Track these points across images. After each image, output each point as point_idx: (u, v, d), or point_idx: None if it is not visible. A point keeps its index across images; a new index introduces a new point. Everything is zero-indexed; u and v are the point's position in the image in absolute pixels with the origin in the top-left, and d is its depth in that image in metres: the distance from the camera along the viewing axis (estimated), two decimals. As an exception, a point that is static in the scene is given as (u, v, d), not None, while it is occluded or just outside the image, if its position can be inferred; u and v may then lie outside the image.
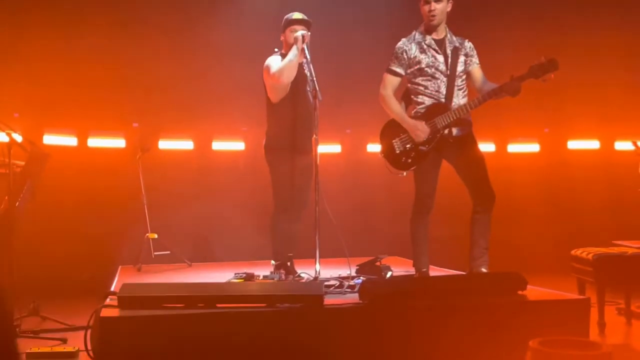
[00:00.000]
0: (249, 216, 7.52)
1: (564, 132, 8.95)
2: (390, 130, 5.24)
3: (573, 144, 8.97)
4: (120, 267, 6.59)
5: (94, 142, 7.73)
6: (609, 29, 8.18)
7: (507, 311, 4.33)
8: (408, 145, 5.15)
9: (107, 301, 4.28)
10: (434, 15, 5.08)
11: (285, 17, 5.61)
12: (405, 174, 5.21)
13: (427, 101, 5.13)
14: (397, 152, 5.19)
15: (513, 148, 8.95)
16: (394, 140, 5.20)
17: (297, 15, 5.58)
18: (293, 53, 5.35)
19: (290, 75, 5.39)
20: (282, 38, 5.63)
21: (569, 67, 5.52)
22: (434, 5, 5.07)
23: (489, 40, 5.64)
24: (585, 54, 8.17)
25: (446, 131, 5.10)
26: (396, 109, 5.20)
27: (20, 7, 7.22)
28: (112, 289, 5.00)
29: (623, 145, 8.61)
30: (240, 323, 3.99)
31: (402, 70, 5.17)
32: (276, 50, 5.67)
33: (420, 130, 5.07)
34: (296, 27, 5.49)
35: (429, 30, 5.16)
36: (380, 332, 4.13)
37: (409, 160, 5.15)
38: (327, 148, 8.01)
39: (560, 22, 8.28)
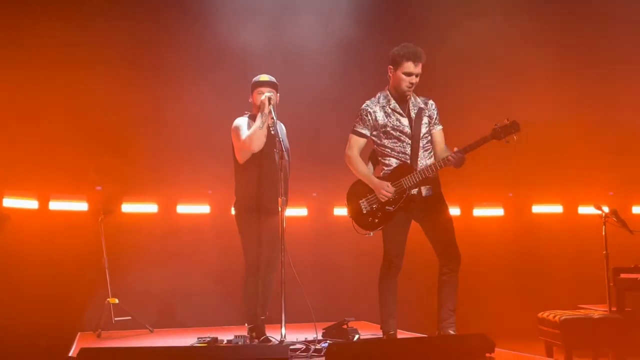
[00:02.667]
0: (214, 280, 7.40)
1: (529, 197, 9.05)
2: (357, 190, 5.23)
3: (537, 208, 9.08)
4: (79, 333, 6.39)
5: (55, 205, 7.60)
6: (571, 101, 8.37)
7: (476, 374, 4.27)
8: (374, 206, 5.13)
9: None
10: (410, 88, 5.12)
11: (253, 79, 5.65)
12: (372, 234, 5.18)
13: (394, 162, 5.15)
14: (364, 212, 5.17)
15: (478, 212, 9.01)
16: (360, 201, 5.19)
17: (263, 77, 5.62)
18: (260, 120, 5.37)
19: (259, 143, 5.41)
20: (250, 100, 5.66)
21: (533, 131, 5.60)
22: (415, 79, 5.11)
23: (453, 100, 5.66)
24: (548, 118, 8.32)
25: (415, 191, 5.11)
26: (362, 169, 5.21)
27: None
28: (70, 355, 4.84)
29: (586, 210, 8.72)
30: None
31: (368, 131, 5.20)
32: (245, 112, 5.69)
33: (385, 190, 5.07)
34: (263, 89, 5.52)
35: (400, 97, 5.18)
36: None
37: (376, 220, 5.13)
38: (294, 211, 7.98)
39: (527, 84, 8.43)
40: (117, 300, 6.59)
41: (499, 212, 9.08)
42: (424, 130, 5.19)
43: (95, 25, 7.45)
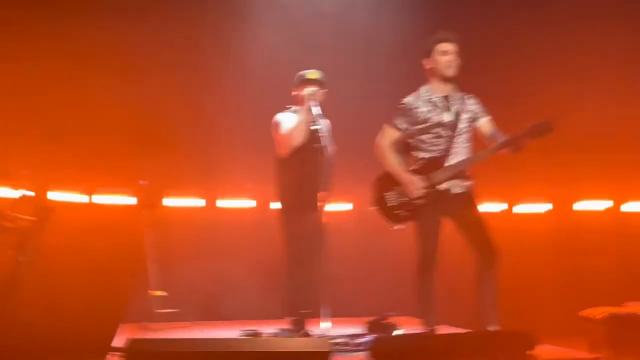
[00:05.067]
0: (256, 274, 7.44)
1: (573, 193, 8.90)
2: (383, 182, 5.20)
3: (582, 204, 8.93)
4: (121, 324, 6.49)
5: (100, 198, 7.73)
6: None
7: (519, 370, 4.23)
8: (401, 199, 5.10)
9: (108, 356, 4.20)
10: (450, 66, 5.08)
11: (300, 73, 5.64)
12: (399, 227, 5.15)
13: (427, 156, 5.11)
14: (390, 205, 5.14)
15: (521, 208, 8.90)
16: (386, 193, 5.15)
17: (311, 74, 5.59)
18: (301, 115, 5.38)
19: (299, 138, 5.42)
20: (294, 94, 5.65)
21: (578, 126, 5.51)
22: (453, 57, 5.08)
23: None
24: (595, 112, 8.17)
25: (444, 187, 5.06)
26: (393, 161, 5.16)
27: (27, 63, 7.28)
28: (114, 345, 4.92)
29: (633, 206, 8.59)
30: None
31: (405, 126, 5.16)
32: (288, 106, 5.70)
33: (414, 185, 5.04)
34: (308, 85, 5.52)
35: (446, 81, 5.13)
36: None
37: (403, 214, 5.11)
38: (338, 206, 7.95)
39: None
40: (160, 293, 6.68)
41: (542, 208, 8.96)
42: (463, 125, 5.14)
43: (146, 27, 7.52)
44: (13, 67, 7.17)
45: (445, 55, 5.10)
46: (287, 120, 5.51)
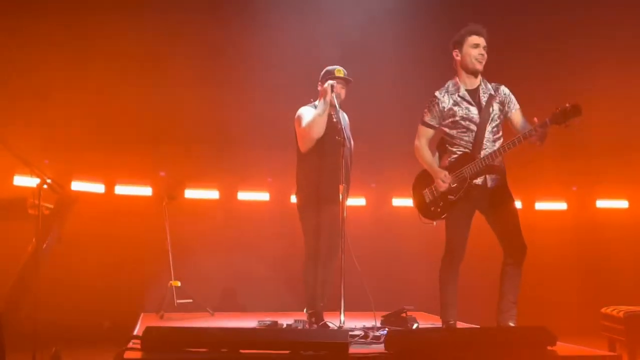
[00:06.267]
0: (273, 266, 7.48)
1: (593, 191, 8.86)
2: (422, 180, 5.24)
3: (602, 203, 8.88)
4: (142, 314, 6.55)
5: (121, 189, 7.80)
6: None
7: (537, 366, 4.22)
8: (437, 195, 5.12)
9: (130, 344, 4.23)
10: (480, 60, 5.07)
11: (326, 68, 5.66)
12: (435, 223, 5.17)
13: (459, 151, 5.11)
14: (427, 201, 5.18)
15: (541, 206, 8.87)
16: (424, 191, 5.20)
17: (337, 71, 5.61)
18: (321, 108, 5.40)
19: (319, 130, 5.44)
20: (319, 88, 5.66)
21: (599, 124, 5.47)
22: (483, 51, 5.07)
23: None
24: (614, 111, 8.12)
25: (479, 181, 5.05)
26: (427, 158, 5.19)
27: (51, 55, 7.35)
28: (135, 334, 4.95)
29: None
30: (264, 369, 3.92)
31: (436, 122, 5.16)
32: (311, 100, 5.71)
33: (442, 179, 5.04)
34: (333, 80, 5.53)
35: (474, 74, 5.12)
36: (407, 383, 4.03)
37: (438, 210, 5.12)
38: (352, 201, 7.98)
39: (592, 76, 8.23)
40: (179, 283, 6.73)
41: (562, 206, 8.92)
42: (493, 117, 5.10)
43: (166, 24, 7.58)
44: (35, 62, 7.25)
45: (477, 48, 5.08)
46: (310, 114, 5.52)
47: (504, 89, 5.21)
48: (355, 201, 8.23)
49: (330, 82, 5.45)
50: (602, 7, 8.12)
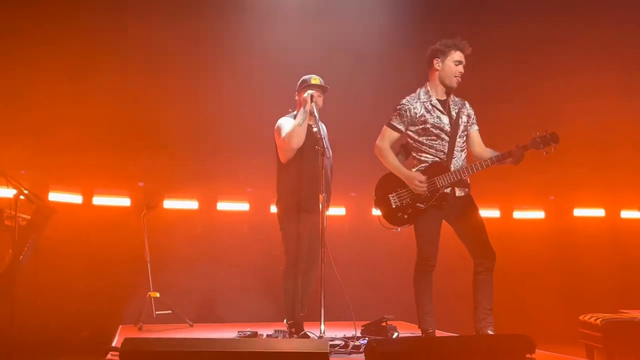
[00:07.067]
0: (253, 277, 7.45)
1: (570, 200, 8.94)
2: (387, 184, 5.20)
3: (579, 212, 8.96)
4: (120, 326, 6.49)
5: (99, 200, 7.74)
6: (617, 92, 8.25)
7: (516, 374, 4.23)
8: (405, 201, 5.11)
9: (108, 356, 4.20)
10: (457, 78, 5.13)
11: (303, 78, 5.67)
12: (399, 229, 5.16)
13: (429, 159, 5.13)
14: (393, 206, 5.14)
15: (519, 215, 8.93)
16: (390, 195, 5.16)
17: (314, 79, 5.62)
18: (300, 118, 5.41)
19: (299, 140, 5.45)
20: (296, 98, 5.68)
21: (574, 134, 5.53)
22: (462, 69, 5.13)
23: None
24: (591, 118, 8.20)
25: (448, 190, 5.08)
26: (393, 160, 5.18)
27: (27, 62, 7.28)
28: (113, 345, 4.92)
29: (629, 214, 8.62)
30: (244, 380, 3.90)
31: (403, 127, 5.17)
32: (290, 110, 5.72)
33: (419, 180, 5.04)
34: (310, 90, 5.54)
35: (443, 92, 5.18)
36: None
37: (405, 217, 5.11)
38: (333, 211, 7.98)
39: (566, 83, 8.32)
40: (158, 295, 6.67)
41: (539, 215, 8.99)
42: (462, 129, 5.18)
43: (145, 28, 7.54)
44: (12, 68, 7.18)
45: (458, 65, 5.13)
46: (290, 125, 5.53)
47: (468, 105, 5.30)
48: (335, 210, 8.25)
49: (309, 91, 5.47)
50: (578, 15, 8.23)
